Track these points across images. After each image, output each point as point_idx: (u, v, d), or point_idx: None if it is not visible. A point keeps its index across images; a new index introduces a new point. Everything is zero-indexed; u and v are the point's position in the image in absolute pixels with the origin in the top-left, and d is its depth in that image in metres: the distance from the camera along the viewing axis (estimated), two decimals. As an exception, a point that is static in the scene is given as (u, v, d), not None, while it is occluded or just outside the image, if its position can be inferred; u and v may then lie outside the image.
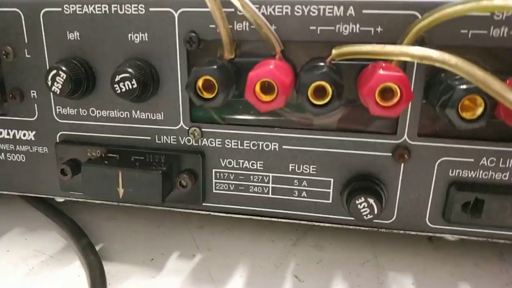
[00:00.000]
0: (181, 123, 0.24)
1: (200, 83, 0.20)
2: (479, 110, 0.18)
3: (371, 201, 0.21)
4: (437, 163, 0.22)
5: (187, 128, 0.24)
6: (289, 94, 0.19)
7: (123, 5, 0.22)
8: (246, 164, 0.24)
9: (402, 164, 0.22)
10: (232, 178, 0.24)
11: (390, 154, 0.22)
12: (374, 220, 0.22)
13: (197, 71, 0.20)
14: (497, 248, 0.25)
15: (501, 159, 0.21)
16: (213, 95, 0.20)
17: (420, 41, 0.20)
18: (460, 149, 0.21)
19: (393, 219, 0.23)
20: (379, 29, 0.20)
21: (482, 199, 0.21)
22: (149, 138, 0.24)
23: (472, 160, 0.21)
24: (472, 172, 0.22)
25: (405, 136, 0.22)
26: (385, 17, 0.20)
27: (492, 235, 0.22)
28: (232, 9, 0.21)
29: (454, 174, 0.22)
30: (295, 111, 0.23)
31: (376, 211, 0.21)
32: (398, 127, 0.22)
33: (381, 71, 0.18)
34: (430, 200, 0.22)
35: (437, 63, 0.16)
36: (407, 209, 0.23)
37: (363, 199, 0.21)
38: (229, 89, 0.20)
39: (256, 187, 0.24)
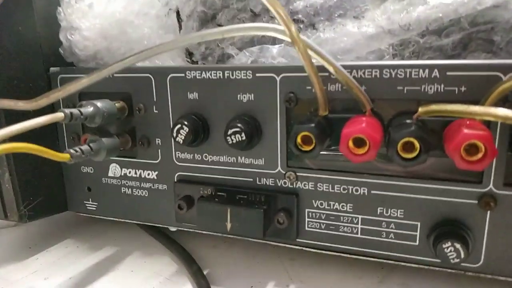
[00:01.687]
0: (279, 167, 0.27)
1: (299, 138, 0.23)
2: None
3: (457, 246, 0.23)
4: (524, 211, 0.23)
5: (284, 172, 0.27)
6: (379, 147, 0.22)
7: (234, 71, 0.27)
8: (336, 206, 0.27)
9: (488, 212, 0.23)
10: (323, 218, 0.27)
11: (476, 202, 0.23)
12: (461, 264, 0.23)
13: (298, 128, 0.23)
14: None
15: None
16: (311, 148, 0.23)
17: (504, 100, 0.21)
18: (549, 199, 0.22)
19: (480, 263, 0.24)
20: (462, 88, 0.22)
21: None
22: (252, 180, 0.28)
23: None
24: None
25: (491, 185, 0.23)
26: (469, 78, 0.22)
27: None
28: (327, 73, 0.24)
29: (543, 223, 0.23)
30: (384, 160, 0.25)
31: (462, 256, 0.23)
32: (484, 176, 0.23)
33: (466, 130, 0.20)
34: (518, 247, 0.23)
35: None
36: (495, 254, 0.24)
37: (449, 244, 0.23)
38: (324, 142, 0.24)
39: (345, 227, 0.27)
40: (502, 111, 0.19)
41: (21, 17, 0.31)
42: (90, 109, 0.28)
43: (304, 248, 0.29)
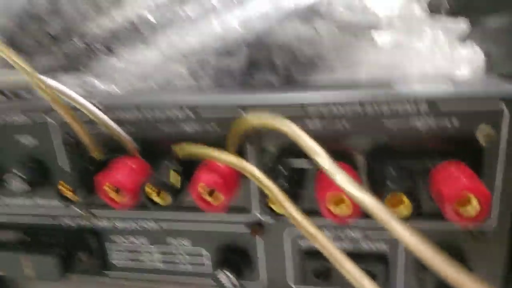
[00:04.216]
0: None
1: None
2: None
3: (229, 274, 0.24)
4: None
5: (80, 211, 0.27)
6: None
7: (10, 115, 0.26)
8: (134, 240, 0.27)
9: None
10: (125, 250, 0.28)
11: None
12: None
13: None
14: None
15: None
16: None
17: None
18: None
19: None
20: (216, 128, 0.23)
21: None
22: (51, 220, 0.28)
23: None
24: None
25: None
26: (219, 118, 0.23)
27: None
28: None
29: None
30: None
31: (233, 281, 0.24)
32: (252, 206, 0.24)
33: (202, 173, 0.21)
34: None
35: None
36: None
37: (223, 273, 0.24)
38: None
39: (145, 258, 0.28)
40: (230, 158, 0.20)
41: None
42: None
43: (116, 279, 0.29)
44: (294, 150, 0.22)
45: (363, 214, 0.18)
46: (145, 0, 0.28)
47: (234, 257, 0.25)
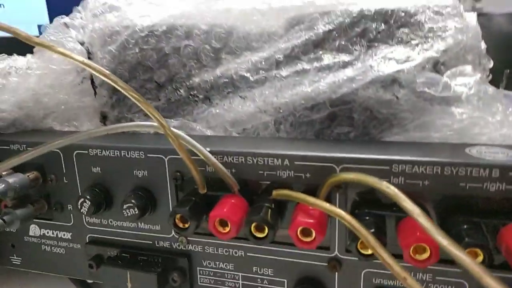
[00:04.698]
0: (173, 233, 0.32)
1: (177, 218, 0.28)
2: None
3: (309, 303, 0.28)
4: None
5: (177, 237, 0.31)
6: (242, 225, 0.27)
7: (129, 151, 0.31)
8: (221, 265, 0.31)
9: (336, 273, 0.28)
10: (212, 275, 0.32)
11: (326, 264, 0.28)
12: (317, 315, 0.28)
13: (174, 210, 0.27)
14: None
15: None
16: (187, 226, 0.28)
17: (338, 186, 0.26)
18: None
19: (336, 311, 0.29)
20: (308, 175, 0.27)
21: None
22: (151, 242, 0.32)
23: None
24: None
25: (336, 251, 0.28)
26: (311, 167, 0.27)
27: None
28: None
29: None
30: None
31: (313, 311, 0.28)
32: (331, 245, 0.28)
33: (299, 217, 0.25)
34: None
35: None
36: (346, 305, 0.29)
37: (303, 301, 0.28)
38: (200, 218, 0.28)
39: (229, 282, 0.31)
40: (324, 205, 0.24)
41: None
42: (0, 186, 0.31)
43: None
44: (373, 198, 0.26)
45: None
46: (244, 61, 0.33)
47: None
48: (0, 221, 0.31)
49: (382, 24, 0.30)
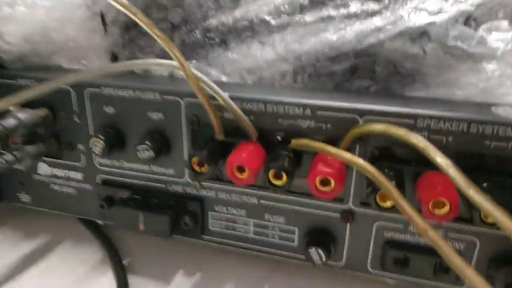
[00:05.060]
0: (186, 177, 0.31)
1: (194, 160, 0.27)
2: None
3: (320, 251, 0.28)
4: (376, 224, 0.28)
5: (190, 181, 0.31)
6: (259, 172, 0.26)
7: (143, 91, 0.30)
8: (233, 211, 0.31)
9: (348, 224, 0.29)
10: (223, 219, 0.32)
11: (339, 216, 0.29)
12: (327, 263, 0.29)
13: (192, 153, 0.27)
14: None
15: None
16: (205, 170, 0.27)
17: (359, 138, 0.26)
18: (393, 215, 0.28)
19: (343, 261, 0.30)
20: (328, 126, 0.26)
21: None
22: (163, 186, 0.32)
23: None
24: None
25: (350, 203, 0.28)
26: (333, 117, 0.26)
27: (419, 280, 0.29)
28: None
29: (389, 233, 0.28)
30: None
31: (324, 259, 0.28)
32: (345, 196, 0.28)
33: (319, 166, 0.24)
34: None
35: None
36: (353, 256, 0.30)
37: (314, 249, 0.28)
38: (217, 163, 0.28)
39: (240, 228, 0.32)
40: (347, 155, 0.24)
41: None
42: (11, 121, 0.30)
43: (208, 243, 0.33)
44: (391, 153, 0.25)
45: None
46: (265, 3, 0.32)
47: (324, 238, 0.29)
48: (11, 157, 0.30)
49: (415, -29, 0.28)
